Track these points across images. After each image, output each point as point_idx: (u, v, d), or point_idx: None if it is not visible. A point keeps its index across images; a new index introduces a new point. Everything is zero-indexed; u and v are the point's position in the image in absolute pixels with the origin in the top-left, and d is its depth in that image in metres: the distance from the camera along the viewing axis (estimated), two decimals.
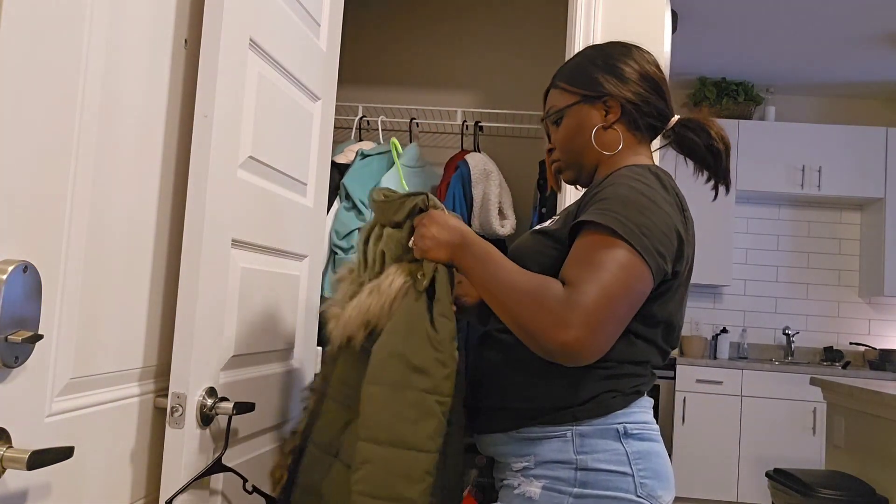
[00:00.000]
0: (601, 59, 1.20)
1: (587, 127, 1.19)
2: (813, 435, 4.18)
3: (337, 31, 1.62)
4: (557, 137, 1.22)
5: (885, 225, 4.48)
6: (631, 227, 1.00)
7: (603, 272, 0.97)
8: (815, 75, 4.57)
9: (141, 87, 1.04)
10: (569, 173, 1.24)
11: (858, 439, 2.68)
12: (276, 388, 1.41)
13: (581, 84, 1.20)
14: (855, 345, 4.71)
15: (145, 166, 1.07)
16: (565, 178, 1.25)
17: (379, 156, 2.53)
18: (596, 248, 1.00)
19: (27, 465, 0.76)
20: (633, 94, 1.17)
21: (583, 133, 1.19)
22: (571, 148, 1.21)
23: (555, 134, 1.23)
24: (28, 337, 0.79)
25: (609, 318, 0.96)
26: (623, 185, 1.06)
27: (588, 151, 1.19)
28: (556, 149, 1.23)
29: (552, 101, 1.23)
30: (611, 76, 1.18)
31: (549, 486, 1.06)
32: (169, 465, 1.06)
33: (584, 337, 0.94)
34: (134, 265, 1.05)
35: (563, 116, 1.21)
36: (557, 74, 1.25)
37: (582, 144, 1.19)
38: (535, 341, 0.98)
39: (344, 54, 1.71)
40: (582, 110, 1.19)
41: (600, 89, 1.18)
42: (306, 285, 1.54)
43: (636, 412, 1.11)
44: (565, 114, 1.20)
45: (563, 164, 1.23)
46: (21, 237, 0.80)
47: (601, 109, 1.18)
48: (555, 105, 1.22)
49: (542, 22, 3.02)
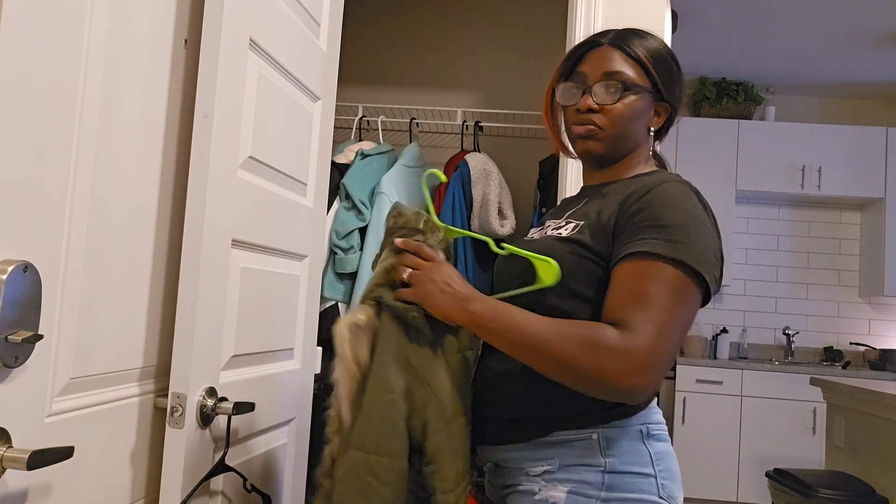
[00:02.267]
0: (675, 63, 1.18)
1: (645, 117, 1.15)
2: (813, 435, 4.18)
3: (337, 31, 1.62)
4: (615, 107, 1.12)
5: (885, 225, 4.48)
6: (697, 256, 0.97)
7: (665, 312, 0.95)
8: (815, 75, 4.57)
9: (141, 87, 1.04)
10: (603, 145, 1.13)
11: (858, 439, 2.68)
12: (276, 388, 1.41)
13: (660, 76, 1.15)
14: (855, 345, 4.71)
15: (145, 166, 1.07)
16: (594, 148, 1.14)
17: (379, 156, 2.53)
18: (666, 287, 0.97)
19: (27, 465, 0.76)
20: (675, 110, 1.19)
21: (640, 120, 1.14)
22: (626, 126, 1.13)
23: (608, 99, 1.12)
24: (28, 337, 0.79)
25: (671, 355, 0.96)
26: (677, 208, 1.02)
27: (634, 139, 1.15)
28: (606, 116, 1.12)
29: (622, 67, 1.13)
30: (679, 86, 1.18)
31: (575, 490, 1.03)
32: (169, 465, 1.06)
33: (652, 379, 0.94)
34: (134, 265, 1.05)
35: (630, 91, 1.12)
36: (633, 44, 1.15)
37: (635, 130, 1.14)
38: (598, 387, 0.95)
39: (344, 54, 1.71)
40: (647, 99, 1.14)
41: (670, 93, 1.16)
42: (306, 285, 1.54)
43: (654, 412, 1.10)
44: (635, 91, 1.13)
45: (604, 134, 1.13)
46: (21, 237, 0.80)
47: (654, 110, 1.17)
48: (627, 74, 1.12)
49: (542, 22, 3.02)
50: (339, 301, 2.36)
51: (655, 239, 0.98)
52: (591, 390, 0.96)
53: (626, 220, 1.03)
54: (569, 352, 0.95)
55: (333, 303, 2.36)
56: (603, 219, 1.07)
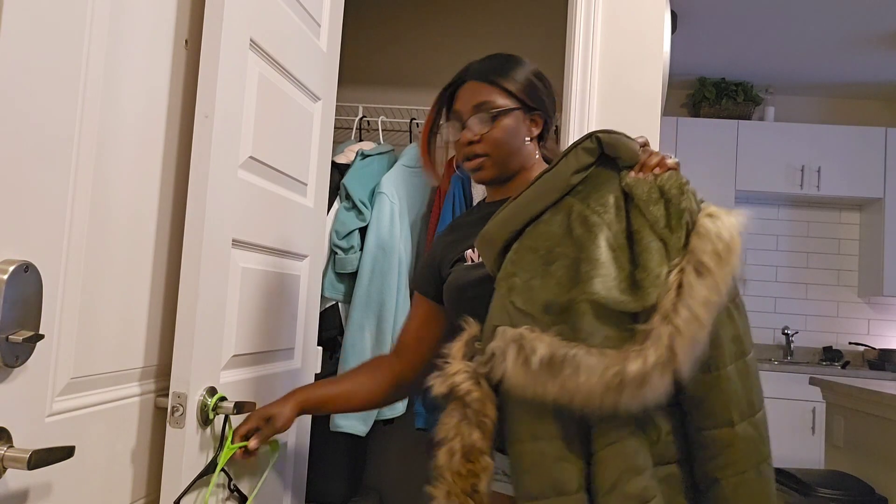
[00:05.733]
0: (534, 73, 1.28)
1: (521, 134, 1.24)
2: (812, 435, 4.18)
3: (337, 31, 1.62)
4: (491, 134, 1.22)
5: (885, 225, 4.48)
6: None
7: None
8: (815, 75, 4.57)
9: (142, 87, 1.04)
10: (492, 171, 1.24)
11: (858, 439, 2.68)
12: (277, 388, 1.41)
13: (524, 91, 1.24)
14: (854, 345, 4.71)
15: (146, 166, 1.07)
16: (484, 175, 1.24)
17: (379, 156, 2.53)
18: None
19: (28, 465, 0.76)
20: (550, 113, 1.29)
21: (517, 138, 1.24)
22: (506, 149, 1.23)
23: (483, 129, 1.22)
24: (29, 337, 0.79)
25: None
26: None
27: (517, 156, 1.24)
28: (486, 144, 1.22)
29: (485, 97, 1.23)
30: (545, 92, 1.28)
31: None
32: (169, 465, 1.06)
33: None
34: (134, 265, 1.05)
35: (500, 116, 1.22)
36: (491, 73, 1.25)
37: (515, 148, 1.24)
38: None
39: (344, 54, 1.71)
40: (518, 117, 1.24)
41: (537, 103, 1.26)
42: (306, 285, 1.54)
43: None
44: (504, 114, 1.22)
45: (488, 162, 1.23)
46: (22, 237, 0.81)
47: (529, 121, 1.26)
48: (492, 102, 1.22)
49: (541, 22, 3.02)
50: (340, 301, 2.36)
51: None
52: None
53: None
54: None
55: (333, 303, 2.36)
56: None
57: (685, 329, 0.90)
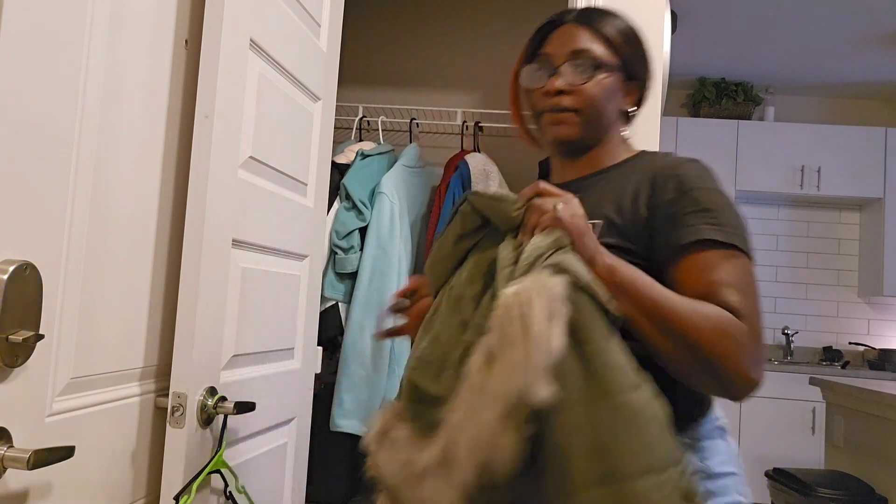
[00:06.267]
0: (642, 41, 1.10)
1: (617, 100, 1.07)
2: (812, 435, 4.18)
3: (337, 31, 1.62)
4: (586, 87, 1.03)
5: (885, 225, 4.48)
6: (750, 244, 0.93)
7: (757, 302, 0.90)
8: (815, 75, 4.57)
9: (141, 87, 1.04)
10: (577, 130, 1.04)
11: (858, 439, 2.68)
12: (277, 388, 1.41)
13: (629, 52, 1.07)
14: (854, 345, 4.71)
15: (146, 166, 1.07)
16: (565, 133, 1.04)
17: (379, 156, 2.53)
18: (749, 274, 0.91)
19: (28, 465, 0.76)
20: (644, 95, 1.12)
21: (613, 102, 1.06)
22: (599, 109, 1.04)
23: (578, 79, 1.03)
24: (29, 337, 0.79)
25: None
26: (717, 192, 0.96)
27: (605, 125, 1.06)
28: (579, 97, 1.03)
29: (587, 45, 1.04)
30: (648, 64, 1.10)
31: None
32: (169, 465, 1.06)
33: (762, 374, 0.86)
34: (134, 265, 1.05)
35: (601, 70, 1.04)
36: (599, 21, 1.07)
37: (608, 113, 1.06)
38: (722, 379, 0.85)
39: (344, 54, 1.71)
40: (619, 80, 1.06)
41: (641, 73, 1.09)
42: (306, 285, 1.54)
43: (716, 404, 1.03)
44: (607, 70, 1.04)
45: (576, 118, 1.04)
46: (22, 237, 0.81)
47: (625, 90, 1.08)
48: (596, 52, 1.04)
49: (541, 22, 3.02)
50: (340, 301, 2.36)
51: (721, 230, 0.91)
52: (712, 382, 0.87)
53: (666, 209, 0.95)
54: (706, 336, 0.84)
55: (333, 303, 2.36)
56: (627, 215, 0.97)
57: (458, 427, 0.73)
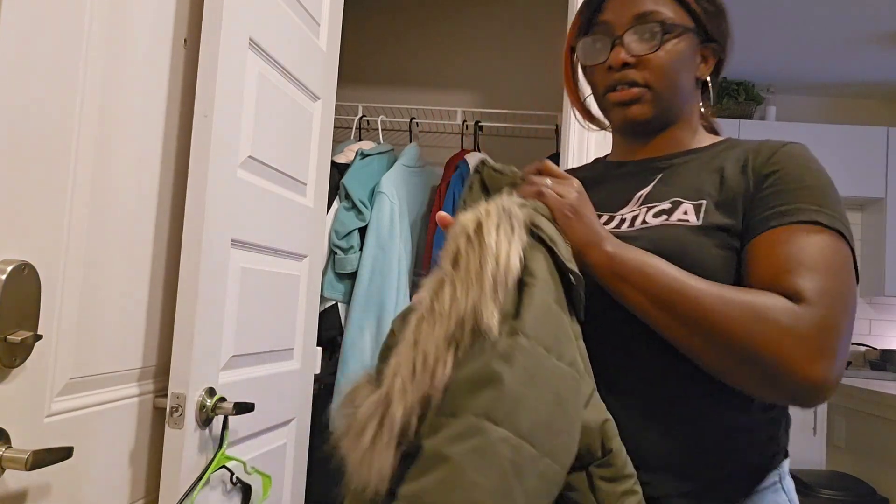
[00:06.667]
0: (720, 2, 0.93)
1: (692, 67, 0.89)
2: (813, 435, 4.18)
3: (337, 31, 1.62)
4: (656, 56, 0.86)
5: (886, 225, 4.48)
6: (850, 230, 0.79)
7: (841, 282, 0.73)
8: (816, 75, 4.57)
9: (141, 87, 1.04)
10: (651, 108, 0.87)
11: (859, 439, 2.68)
12: (276, 389, 1.41)
13: (703, 9, 0.89)
14: (856, 345, 4.70)
15: (145, 166, 1.07)
16: (640, 114, 0.87)
17: (379, 156, 2.53)
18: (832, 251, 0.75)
19: (27, 466, 0.76)
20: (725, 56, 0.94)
21: (687, 71, 0.88)
22: (673, 80, 0.87)
23: (645, 48, 0.86)
24: (28, 337, 0.79)
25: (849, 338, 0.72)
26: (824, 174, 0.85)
27: (686, 92, 0.89)
28: (647, 69, 0.86)
29: (651, 6, 0.86)
30: (727, 24, 0.92)
31: None
32: (168, 466, 1.06)
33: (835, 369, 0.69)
34: (133, 265, 1.05)
35: (671, 34, 0.86)
36: None
37: (682, 85, 0.88)
38: (771, 375, 0.69)
39: (344, 54, 1.71)
40: (692, 43, 0.88)
41: (717, 31, 0.91)
42: (306, 285, 1.54)
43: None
44: (677, 33, 0.86)
45: (649, 95, 0.87)
46: (21, 237, 0.80)
47: (701, 55, 0.91)
48: (664, 13, 0.86)
49: (542, 22, 3.02)
50: (339, 301, 2.36)
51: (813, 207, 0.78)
52: (758, 382, 0.71)
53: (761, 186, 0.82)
54: (736, 321, 0.69)
55: (333, 303, 2.36)
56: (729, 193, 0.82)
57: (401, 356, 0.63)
